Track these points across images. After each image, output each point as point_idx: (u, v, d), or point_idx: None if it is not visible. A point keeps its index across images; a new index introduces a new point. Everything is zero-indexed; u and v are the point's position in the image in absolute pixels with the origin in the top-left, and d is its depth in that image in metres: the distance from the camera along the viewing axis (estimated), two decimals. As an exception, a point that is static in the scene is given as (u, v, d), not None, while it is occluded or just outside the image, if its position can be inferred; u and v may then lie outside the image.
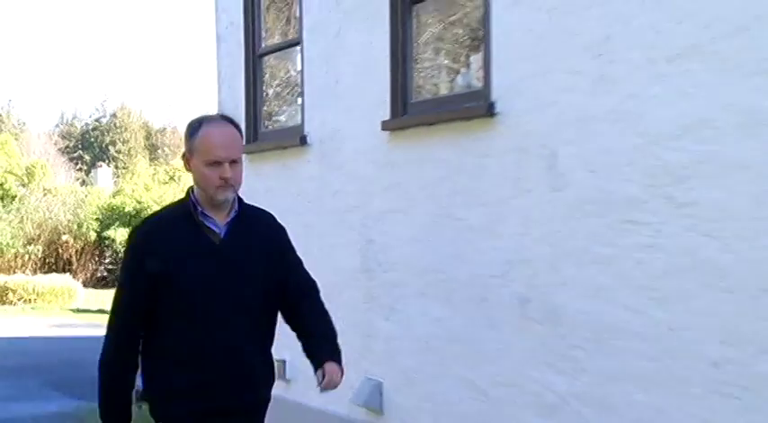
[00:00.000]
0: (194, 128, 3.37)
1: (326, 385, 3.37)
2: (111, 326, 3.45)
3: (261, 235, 3.54)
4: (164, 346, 3.40)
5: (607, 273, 4.15)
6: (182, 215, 3.42)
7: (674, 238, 3.85)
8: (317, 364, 3.41)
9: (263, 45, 7.14)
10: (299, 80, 6.54)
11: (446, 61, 5.53)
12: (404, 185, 5.45)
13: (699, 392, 3.74)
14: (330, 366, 3.38)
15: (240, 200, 3.47)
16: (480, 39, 4.92)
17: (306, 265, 3.74)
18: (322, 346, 3.50)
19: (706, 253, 3.71)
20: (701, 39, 3.72)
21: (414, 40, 5.50)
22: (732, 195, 3.61)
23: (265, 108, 7.22)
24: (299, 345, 3.57)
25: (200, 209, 3.39)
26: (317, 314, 3.64)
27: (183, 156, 3.43)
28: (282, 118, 7.09)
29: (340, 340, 3.56)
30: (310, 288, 3.72)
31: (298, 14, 6.53)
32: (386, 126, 5.52)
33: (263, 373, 3.56)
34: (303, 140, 6.33)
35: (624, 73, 4.05)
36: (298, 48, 6.55)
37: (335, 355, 3.46)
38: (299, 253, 3.74)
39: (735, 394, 3.60)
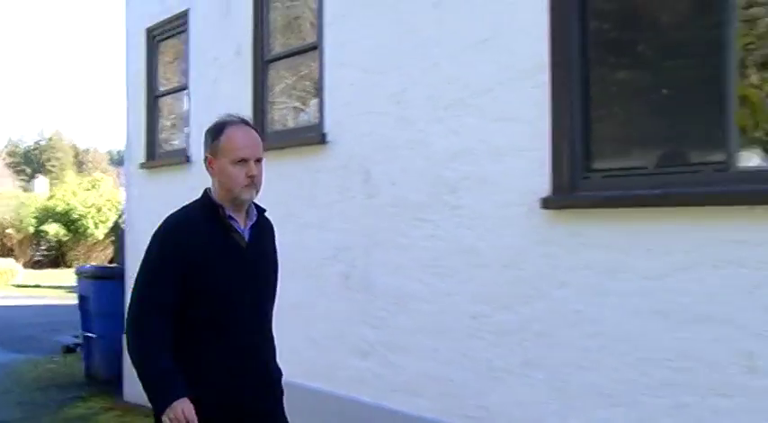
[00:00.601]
0: (217, 131, 2.64)
1: None
2: (139, 322, 2.56)
3: (269, 239, 2.82)
4: (187, 347, 2.56)
5: (404, 256, 4.23)
6: (208, 215, 2.60)
7: (448, 231, 3.97)
8: None
9: (160, 88, 6.98)
10: (187, 115, 6.41)
11: (293, 103, 5.53)
12: (261, 193, 5.39)
13: (462, 336, 3.88)
14: None
15: (253, 203, 2.72)
16: (317, 88, 4.95)
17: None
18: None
19: (468, 241, 3.86)
20: (464, 94, 3.86)
21: (269, 88, 5.48)
22: (485, 201, 3.76)
23: (162, 135, 7.04)
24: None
25: (227, 211, 2.61)
26: (272, 336, 2.87)
27: (206, 159, 2.67)
28: (174, 142, 6.94)
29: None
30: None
31: (186, 67, 6.41)
32: (249, 150, 5.47)
33: (278, 369, 2.84)
34: (188, 159, 6.20)
35: (416, 115, 4.16)
36: (186, 91, 6.43)
37: None
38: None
39: (484, 336, 3.76)
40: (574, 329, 3.38)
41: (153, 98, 6.96)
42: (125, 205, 7.96)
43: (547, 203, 3.45)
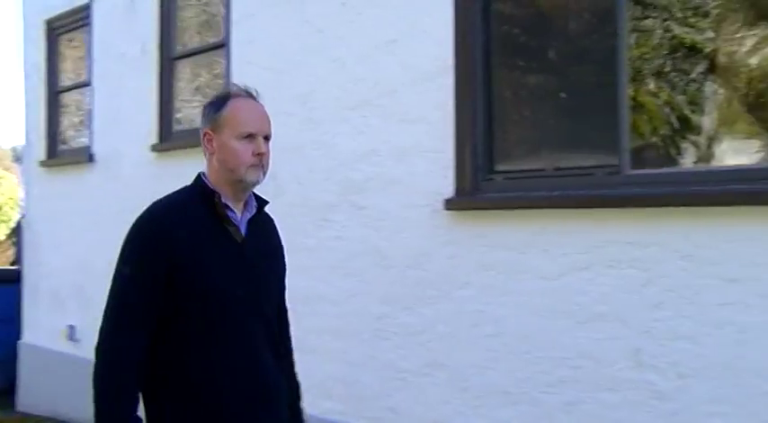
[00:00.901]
0: (220, 102, 2.25)
1: None
2: (110, 345, 2.08)
3: (271, 234, 2.42)
4: (174, 359, 2.12)
5: (311, 257, 4.21)
6: (199, 203, 2.18)
7: (354, 231, 3.99)
8: None
9: (61, 84, 6.76)
10: (90, 112, 6.23)
11: (201, 102, 5.48)
12: (166, 193, 5.28)
13: (368, 337, 3.91)
14: None
15: (254, 193, 2.31)
16: (224, 87, 4.91)
17: (91, 252, 3.39)
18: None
19: (374, 242, 3.89)
20: (370, 96, 3.90)
21: (176, 86, 5.40)
22: (390, 202, 3.80)
23: (64, 132, 6.83)
24: (87, 312, 3.25)
25: (223, 200, 2.17)
26: (290, 352, 2.50)
27: (205, 135, 2.23)
28: (77, 140, 6.73)
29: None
30: (285, 308, 2.53)
31: (89, 63, 6.24)
32: (154, 148, 5.36)
33: (283, 385, 2.33)
34: (91, 158, 6.04)
35: (322, 116, 4.16)
36: (89, 88, 6.24)
37: None
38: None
39: (389, 337, 3.80)
40: (476, 329, 3.46)
41: (53, 94, 6.74)
42: (24, 205, 7.68)
43: (450, 205, 3.52)
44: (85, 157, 6.09)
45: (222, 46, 4.89)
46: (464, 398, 3.49)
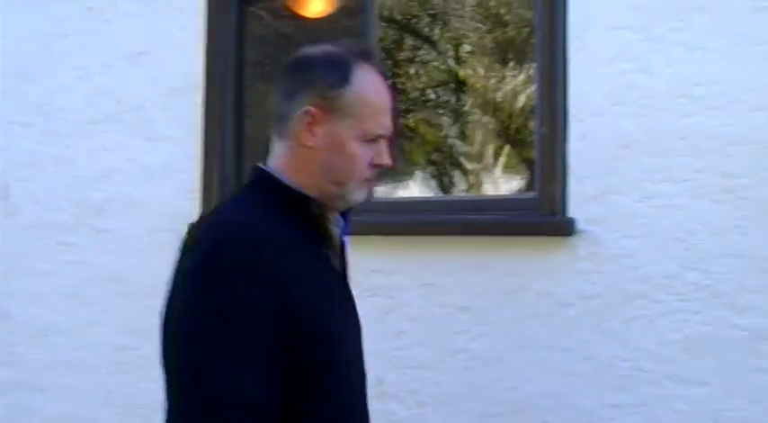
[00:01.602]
0: (342, 67, 1.49)
1: None
2: None
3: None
4: None
5: (46, 283, 3.92)
6: (288, 217, 1.45)
7: (93, 255, 3.77)
8: None
9: None
10: None
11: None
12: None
13: (106, 372, 3.69)
14: None
15: None
16: None
17: None
18: None
19: (114, 267, 3.68)
20: (115, 110, 3.71)
21: None
22: (133, 225, 3.64)
23: None
24: None
25: (326, 211, 1.51)
26: None
27: (306, 113, 1.46)
28: None
29: None
30: None
31: None
32: None
33: None
34: None
35: (63, 129, 3.90)
36: None
37: None
38: None
39: (130, 371, 3.59)
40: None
41: None
42: None
43: (196, 229, 3.42)
44: None
45: (-51, 44, 4.45)
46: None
